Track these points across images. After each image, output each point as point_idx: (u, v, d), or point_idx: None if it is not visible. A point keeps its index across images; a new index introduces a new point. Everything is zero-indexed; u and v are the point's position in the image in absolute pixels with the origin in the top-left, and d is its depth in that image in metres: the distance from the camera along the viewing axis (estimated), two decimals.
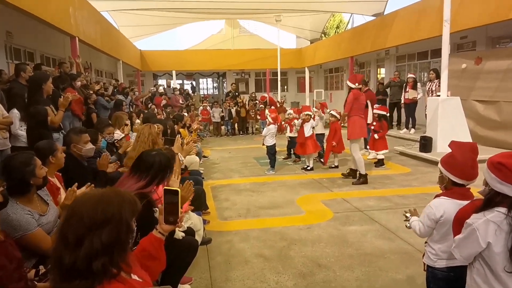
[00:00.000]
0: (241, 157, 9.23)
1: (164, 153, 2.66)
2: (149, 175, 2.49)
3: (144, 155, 2.61)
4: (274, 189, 6.24)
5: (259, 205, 5.44)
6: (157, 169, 2.51)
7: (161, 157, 2.57)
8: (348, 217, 4.84)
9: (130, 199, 1.58)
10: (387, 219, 4.71)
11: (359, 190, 6.05)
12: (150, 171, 2.50)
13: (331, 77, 21.60)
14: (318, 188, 6.24)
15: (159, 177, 2.52)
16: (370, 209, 5.11)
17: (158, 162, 2.54)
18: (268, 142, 7.39)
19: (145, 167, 2.52)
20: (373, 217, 4.78)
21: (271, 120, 7.34)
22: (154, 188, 2.52)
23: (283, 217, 4.94)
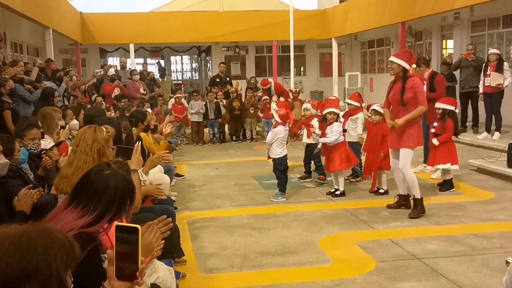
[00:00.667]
0: (235, 176, 9.26)
1: (122, 174, 2.66)
2: (98, 207, 2.48)
3: (92, 175, 2.61)
4: (285, 225, 6.24)
5: (262, 249, 5.43)
6: (111, 197, 2.51)
7: (118, 180, 2.57)
8: (399, 268, 4.82)
9: (64, 243, 1.57)
10: (460, 271, 4.69)
11: (416, 227, 6.06)
12: (100, 200, 2.50)
13: (371, 54, 21.72)
14: (352, 224, 6.25)
15: (114, 210, 2.52)
16: (433, 255, 5.09)
17: (113, 187, 2.53)
18: (276, 152, 7.42)
19: (93, 194, 2.51)
20: (437, 269, 4.76)
21: (279, 118, 7.35)
22: (105, 227, 2.51)
23: (299, 267, 4.93)
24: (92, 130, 3.90)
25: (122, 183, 2.57)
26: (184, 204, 7.37)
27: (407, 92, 6.15)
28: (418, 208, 6.34)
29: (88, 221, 2.46)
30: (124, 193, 2.56)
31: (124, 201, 2.56)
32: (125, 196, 2.57)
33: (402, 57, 6.25)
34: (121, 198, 2.54)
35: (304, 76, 23.88)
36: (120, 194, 2.54)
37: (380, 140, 7.30)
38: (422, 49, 17.41)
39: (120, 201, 2.54)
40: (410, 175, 6.36)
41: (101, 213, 2.48)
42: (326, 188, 7.93)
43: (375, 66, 21.21)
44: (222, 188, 8.38)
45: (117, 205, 2.52)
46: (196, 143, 13.70)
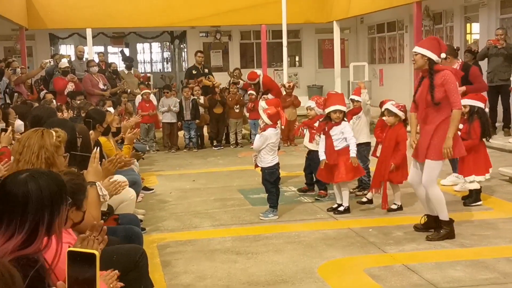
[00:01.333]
0: (216, 189, 9.27)
1: (44, 172, 2.64)
2: (26, 221, 2.46)
3: (8, 184, 2.58)
4: (277, 249, 6.24)
5: (250, 279, 5.41)
6: (38, 204, 2.49)
7: (40, 181, 2.55)
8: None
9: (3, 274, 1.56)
10: None
11: (435, 249, 6.06)
12: (26, 212, 2.48)
13: (380, 40, 21.84)
14: (359, 247, 6.25)
15: (47, 219, 2.50)
16: (456, 284, 5.11)
17: (36, 192, 2.51)
18: (265, 161, 7.43)
19: (14, 206, 2.49)
20: None
21: (269, 119, 7.35)
22: (43, 244, 2.49)
23: None
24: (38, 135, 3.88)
25: (46, 183, 2.55)
26: (154, 224, 7.35)
27: (438, 90, 6.00)
28: (442, 231, 6.31)
29: (20, 241, 2.43)
30: (53, 195, 2.54)
31: (56, 204, 2.53)
32: (56, 197, 2.54)
33: (427, 46, 6.14)
34: (51, 201, 2.52)
35: (300, 67, 23.95)
36: (48, 197, 2.51)
37: (393, 146, 7.33)
38: (441, 34, 17.52)
39: (50, 205, 2.51)
40: (436, 193, 6.28)
41: (32, 227, 2.45)
42: (327, 204, 7.96)
43: (386, 55, 21.33)
44: (201, 204, 8.37)
45: (49, 211, 2.50)
46: (169, 150, 13.71)
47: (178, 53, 27.18)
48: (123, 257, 4.15)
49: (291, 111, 13.47)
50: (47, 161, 3.81)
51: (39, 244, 2.46)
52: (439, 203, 6.30)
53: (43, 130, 4.01)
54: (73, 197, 3.32)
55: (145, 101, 13.61)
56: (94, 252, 2.02)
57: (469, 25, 17.13)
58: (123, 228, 4.89)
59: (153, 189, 9.35)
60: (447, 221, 6.34)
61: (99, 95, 13.06)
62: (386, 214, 7.41)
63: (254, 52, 23.48)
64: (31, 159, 3.76)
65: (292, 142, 13.49)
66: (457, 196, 8.09)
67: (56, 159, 3.89)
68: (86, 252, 2.04)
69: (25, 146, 3.84)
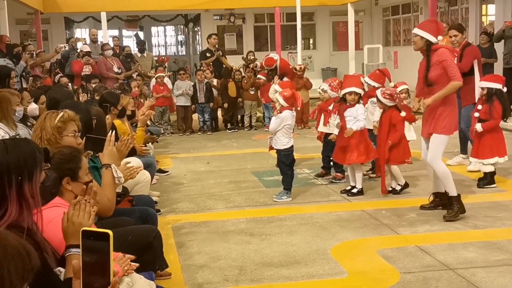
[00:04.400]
0: (230, 172, 9.31)
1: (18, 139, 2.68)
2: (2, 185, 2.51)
3: None
4: (290, 231, 6.28)
5: (263, 260, 5.46)
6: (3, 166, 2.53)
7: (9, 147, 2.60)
8: (428, 281, 4.84)
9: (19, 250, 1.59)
10: (501, 284, 4.72)
11: (448, 231, 6.08)
12: None
13: (395, 23, 21.66)
14: (372, 228, 6.28)
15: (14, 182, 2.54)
16: (469, 265, 5.12)
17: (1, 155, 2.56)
18: (281, 143, 7.44)
19: None
20: (473, 281, 4.78)
21: (284, 101, 7.36)
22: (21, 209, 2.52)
23: (308, 281, 4.95)
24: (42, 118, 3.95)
25: (15, 149, 2.59)
26: (169, 206, 7.40)
27: (433, 69, 6.19)
28: (455, 208, 6.35)
29: None
30: (21, 159, 2.57)
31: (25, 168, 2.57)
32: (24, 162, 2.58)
33: (425, 27, 6.31)
34: (18, 165, 2.55)
35: (314, 50, 23.84)
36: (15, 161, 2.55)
37: (388, 130, 7.31)
38: (457, 16, 17.37)
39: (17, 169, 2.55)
40: (441, 168, 6.39)
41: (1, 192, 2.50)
42: (340, 186, 7.97)
43: (400, 37, 21.16)
44: (215, 186, 8.41)
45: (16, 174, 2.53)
46: (183, 132, 13.73)
47: (192, 36, 27.14)
48: (138, 238, 4.20)
49: (304, 94, 13.41)
50: (49, 142, 3.87)
51: (12, 210, 2.49)
52: (445, 178, 6.36)
53: (48, 112, 4.06)
54: (60, 167, 3.37)
55: (159, 84, 13.62)
56: (108, 232, 2.04)
57: (484, 6, 16.97)
58: (138, 210, 4.93)
59: (168, 171, 9.40)
60: (456, 196, 6.38)
61: (113, 78, 13.10)
62: (399, 196, 7.40)
63: (268, 35, 23.37)
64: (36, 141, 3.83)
65: (306, 124, 13.45)
66: (470, 177, 8.06)
67: (58, 140, 3.94)
68: (100, 231, 2.06)
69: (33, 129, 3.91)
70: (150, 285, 3.53)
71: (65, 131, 4.10)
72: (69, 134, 4.10)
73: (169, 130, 13.85)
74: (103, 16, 19.71)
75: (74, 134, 4.15)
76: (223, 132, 13.90)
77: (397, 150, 7.34)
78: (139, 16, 25.29)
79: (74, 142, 4.14)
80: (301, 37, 19.31)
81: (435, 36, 6.21)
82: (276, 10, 20.32)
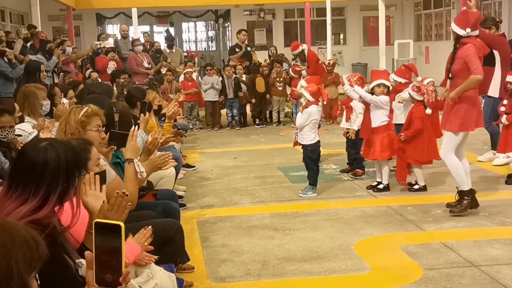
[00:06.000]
0: (256, 167, 9.34)
1: (62, 142, 2.70)
2: (41, 187, 2.53)
3: (28, 151, 2.65)
4: (314, 226, 6.29)
5: (286, 255, 5.47)
6: (55, 172, 2.55)
7: (58, 150, 2.61)
8: (451, 277, 4.82)
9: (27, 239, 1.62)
10: None
11: (475, 227, 6.03)
12: (42, 178, 2.54)
13: (426, 18, 21.43)
14: (396, 224, 6.25)
15: (60, 187, 2.56)
16: (494, 262, 5.07)
17: (54, 160, 2.57)
18: (308, 138, 7.43)
19: (32, 172, 2.56)
20: (498, 278, 4.74)
21: (311, 96, 7.35)
22: (56, 209, 2.57)
23: (330, 276, 4.96)
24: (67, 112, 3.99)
25: (63, 152, 2.61)
26: (195, 201, 7.47)
27: (456, 63, 6.15)
28: (463, 202, 6.29)
29: (33, 207, 2.51)
30: (69, 164, 2.60)
31: (71, 174, 2.60)
32: (71, 166, 2.61)
33: (456, 20, 6.28)
34: (66, 170, 2.58)
35: (345, 45, 23.74)
36: (64, 166, 2.57)
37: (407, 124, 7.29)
38: (489, 10, 17.12)
39: (65, 174, 2.58)
40: (451, 161, 6.34)
41: (46, 193, 2.52)
42: (366, 182, 7.94)
43: (432, 32, 20.94)
44: (241, 181, 8.45)
45: (63, 179, 2.56)
46: (212, 127, 13.80)
47: (222, 32, 27.21)
48: (160, 231, 4.23)
49: (333, 89, 13.37)
50: (72, 136, 3.92)
51: (48, 211, 2.53)
52: (456, 172, 6.32)
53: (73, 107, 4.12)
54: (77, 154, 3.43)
55: (188, 80, 13.69)
56: (120, 224, 2.07)
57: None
58: (161, 203, 4.98)
59: (195, 166, 9.46)
60: (467, 191, 6.31)
61: (144, 74, 13.21)
62: (426, 192, 7.34)
63: (298, 30, 23.33)
64: (61, 135, 3.89)
65: (334, 120, 13.40)
66: (498, 173, 7.98)
67: (82, 134, 4.00)
68: (112, 223, 2.09)
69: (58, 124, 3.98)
70: (170, 276, 3.56)
71: (88, 125, 4.16)
72: (92, 128, 4.16)
73: (197, 125, 13.93)
74: (134, 12, 19.91)
75: (98, 129, 4.21)
76: (251, 127, 13.93)
77: (420, 148, 7.24)
78: (169, 12, 25.45)
79: (97, 136, 4.20)
80: (331, 32, 19.24)
81: (463, 28, 6.12)
82: (306, 5, 20.28)
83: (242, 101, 13.80)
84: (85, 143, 3.63)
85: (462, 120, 6.21)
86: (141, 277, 3.27)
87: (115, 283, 2.09)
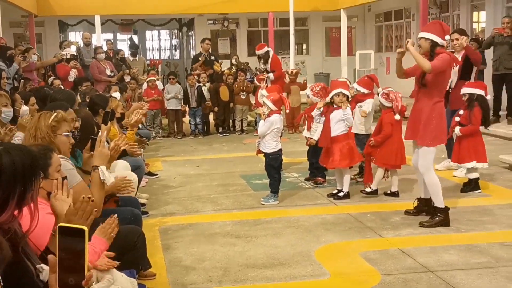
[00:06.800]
0: (219, 175, 9.39)
1: (17, 147, 2.71)
2: None
3: None
4: (276, 233, 6.35)
5: (248, 261, 5.53)
6: (11, 177, 2.57)
7: (14, 155, 2.62)
8: (408, 282, 4.92)
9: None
10: (479, 286, 4.80)
11: (431, 234, 6.16)
12: None
13: (388, 28, 21.78)
14: (356, 231, 6.35)
15: (19, 192, 2.58)
16: (449, 268, 5.20)
17: (9, 165, 2.59)
18: (270, 146, 7.52)
19: None
20: (453, 283, 4.86)
21: (272, 105, 7.43)
22: (15, 214, 2.58)
23: (290, 282, 5.03)
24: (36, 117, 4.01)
25: (19, 157, 2.61)
26: (157, 209, 7.47)
27: None
28: (437, 218, 6.35)
29: None
30: (25, 169, 2.61)
31: (27, 178, 2.61)
32: (28, 171, 2.62)
33: (429, 29, 6.25)
34: (22, 175, 2.60)
35: (307, 55, 23.95)
36: (20, 171, 2.58)
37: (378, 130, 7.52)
38: (448, 22, 17.45)
39: (22, 179, 2.59)
40: (432, 179, 6.34)
41: (4, 198, 2.54)
42: (327, 190, 8.04)
43: (393, 43, 21.26)
44: (203, 189, 8.48)
45: (20, 184, 2.57)
46: (174, 136, 13.79)
47: (186, 41, 27.19)
48: (122, 237, 4.24)
49: (295, 98, 13.52)
50: (43, 141, 3.94)
51: (8, 215, 2.53)
52: (434, 189, 6.36)
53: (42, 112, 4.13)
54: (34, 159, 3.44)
55: (151, 88, 13.66)
56: (83, 228, 2.10)
57: (476, 13, 17.07)
58: (124, 210, 4.99)
59: (158, 174, 9.45)
60: (442, 208, 6.37)
61: (106, 82, 13.13)
62: (385, 200, 7.49)
63: (261, 39, 23.35)
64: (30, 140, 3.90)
65: (297, 129, 13.52)
66: (456, 181, 8.16)
67: (52, 138, 4.01)
68: (76, 227, 2.12)
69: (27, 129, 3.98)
70: (132, 282, 3.59)
71: (59, 130, 4.20)
72: (62, 133, 4.19)
73: (160, 133, 13.91)
74: (97, 19, 19.76)
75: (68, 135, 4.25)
76: (214, 136, 13.96)
77: (388, 152, 7.41)
78: (133, 20, 25.32)
79: (67, 141, 4.24)
80: (294, 42, 19.41)
81: (441, 37, 6.11)
82: (270, 15, 20.41)
83: (206, 110, 13.84)
84: (46, 149, 3.64)
85: (435, 133, 6.23)
86: (102, 283, 3.28)
87: (78, 286, 2.13)
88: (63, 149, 4.23)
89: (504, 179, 8.39)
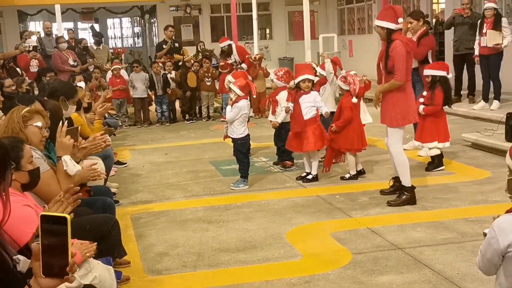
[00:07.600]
0: (188, 162, 9.42)
1: None
2: None
3: None
4: (247, 217, 6.44)
5: (221, 246, 5.61)
6: None
7: None
8: (378, 260, 5.05)
9: None
10: (446, 261, 4.95)
11: (398, 213, 6.31)
12: None
13: (349, 12, 21.94)
14: (326, 213, 6.48)
15: None
16: (417, 244, 5.35)
17: None
18: (238, 131, 7.58)
19: None
20: (421, 259, 5.00)
21: (239, 91, 7.49)
22: None
23: (263, 264, 5.12)
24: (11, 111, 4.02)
25: None
26: (127, 197, 7.49)
27: (391, 59, 6.20)
28: (403, 197, 6.49)
29: None
30: None
31: None
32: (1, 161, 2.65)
33: (383, 17, 6.35)
34: None
35: (271, 40, 23.98)
36: None
37: (338, 114, 7.60)
38: (408, 4, 17.69)
39: None
40: (400, 158, 6.47)
41: None
42: (295, 173, 8.15)
43: (355, 26, 21.45)
44: (173, 176, 8.52)
45: None
46: (141, 124, 13.75)
47: (148, 28, 26.98)
48: (96, 226, 4.29)
49: (261, 83, 13.59)
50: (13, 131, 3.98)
51: None
52: (402, 168, 6.50)
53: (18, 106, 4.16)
54: None
55: (116, 77, 13.56)
56: (66, 216, 2.14)
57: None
58: (97, 199, 5.02)
59: (126, 163, 9.45)
60: (409, 187, 6.51)
61: (69, 71, 13.00)
62: (353, 181, 7.60)
63: (224, 25, 23.40)
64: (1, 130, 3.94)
65: (263, 113, 13.60)
66: (421, 161, 8.31)
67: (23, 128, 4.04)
68: (58, 215, 2.16)
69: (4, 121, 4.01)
70: (108, 269, 3.63)
71: (30, 120, 4.21)
72: (33, 124, 4.20)
73: (127, 122, 13.84)
74: (57, 8, 19.43)
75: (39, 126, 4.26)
76: (181, 123, 13.96)
77: (351, 137, 7.51)
78: (94, 8, 25.02)
79: (38, 132, 4.24)
80: (257, 27, 19.40)
81: (394, 22, 6.18)
82: (232, 0, 20.33)
83: (171, 97, 13.81)
84: (17, 141, 3.66)
85: (403, 114, 6.32)
86: (80, 271, 3.32)
87: (62, 273, 2.17)
88: (33, 139, 4.23)
89: (467, 157, 8.60)
